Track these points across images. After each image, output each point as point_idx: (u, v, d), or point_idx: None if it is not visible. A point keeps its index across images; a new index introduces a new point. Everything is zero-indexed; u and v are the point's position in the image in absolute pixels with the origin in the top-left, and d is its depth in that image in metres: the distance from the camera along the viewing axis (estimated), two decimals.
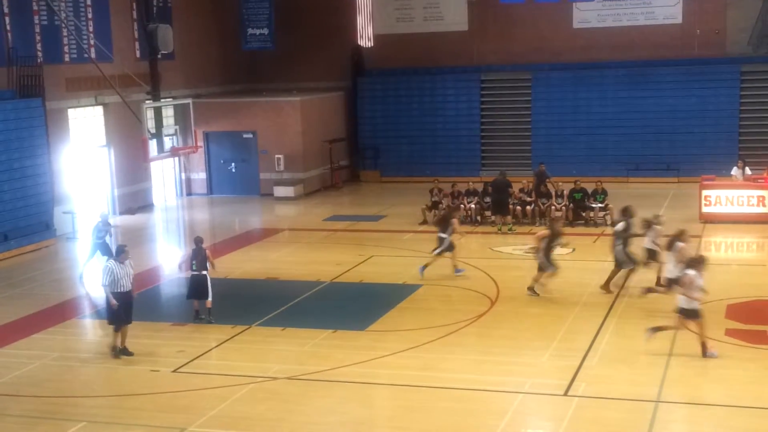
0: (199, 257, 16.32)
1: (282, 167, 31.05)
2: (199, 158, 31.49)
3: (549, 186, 25.02)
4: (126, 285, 14.50)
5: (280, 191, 30.49)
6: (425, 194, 25.73)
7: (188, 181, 32.02)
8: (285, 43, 33.59)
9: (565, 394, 12.67)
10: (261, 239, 24.28)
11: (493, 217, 24.46)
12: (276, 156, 31.02)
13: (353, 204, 30.11)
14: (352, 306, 17.49)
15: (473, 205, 24.86)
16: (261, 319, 16.52)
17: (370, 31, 31.27)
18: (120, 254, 14.74)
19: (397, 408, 12.60)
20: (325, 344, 15.12)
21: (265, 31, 32.15)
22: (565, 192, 24.62)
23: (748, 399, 12.32)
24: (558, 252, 19.62)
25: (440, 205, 25.10)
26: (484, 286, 18.33)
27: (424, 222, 24.89)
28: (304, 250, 22.79)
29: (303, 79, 34.33)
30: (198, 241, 16.65)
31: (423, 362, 14.12)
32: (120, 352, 14.64)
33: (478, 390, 12.87)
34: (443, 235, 19.14)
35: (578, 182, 24.59)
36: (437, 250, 19.16)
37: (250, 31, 32.34)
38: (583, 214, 24.04)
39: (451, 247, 19.15)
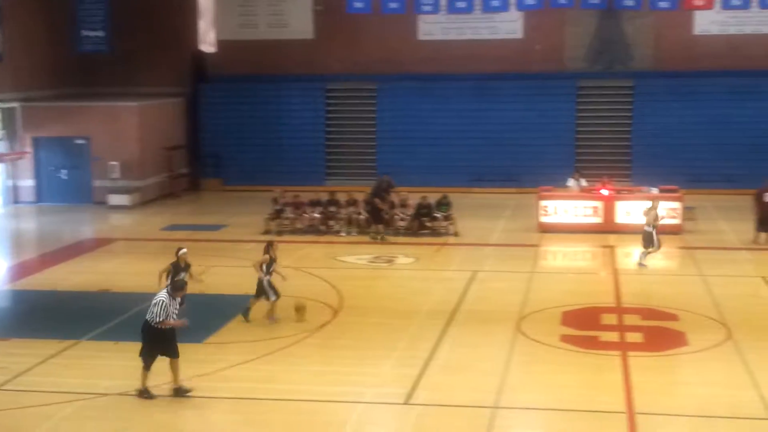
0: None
1: (117, 174, 29.79)
2: (27, 164, 29.86)
3: (393, 196, 25.11)
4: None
5: (114, 200, 29.27)
6: (269, 203, 25.29)
7: (15, 188, 30.25)
8: (123, 46, 32.31)
9: (406, 402, 12.59)
10: (93, 249, 23.20)
11: (336, 226, 24.43)
12: (111, 163, 29.72)
13: (193, 213, 29.28)
14: (190, 318, 16.77)
15: (317, 215, 24.66)
16: (91, 333, 15.70)
17: (212, 36, 30.54)
18: (178, 290, 13.27)
19: (236, 422, 12.20)
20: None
21: (101, 33, 30.80)
22: (410, 202, 24.75)
23: (581, 403, 12.56)
24: (400, 262, 19.66)
25: (283, 215, 24.77)
26: (328, 296, 18.10)
27: (267, 231, 24.44)
28: (140, 260, 21.87)
29: (142, 84, 33.13)
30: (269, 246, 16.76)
31: (263, 374, 13.79)
32: (177, 391, 12.87)
33: (319, 401, 12.63)
34: (648, 229, 20.15)
35: (425, 197, 24.60)
36: (654, 246, 20.14)
37: (84, 32, 30.88)
38: (428, 224, 24.26)
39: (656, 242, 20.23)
